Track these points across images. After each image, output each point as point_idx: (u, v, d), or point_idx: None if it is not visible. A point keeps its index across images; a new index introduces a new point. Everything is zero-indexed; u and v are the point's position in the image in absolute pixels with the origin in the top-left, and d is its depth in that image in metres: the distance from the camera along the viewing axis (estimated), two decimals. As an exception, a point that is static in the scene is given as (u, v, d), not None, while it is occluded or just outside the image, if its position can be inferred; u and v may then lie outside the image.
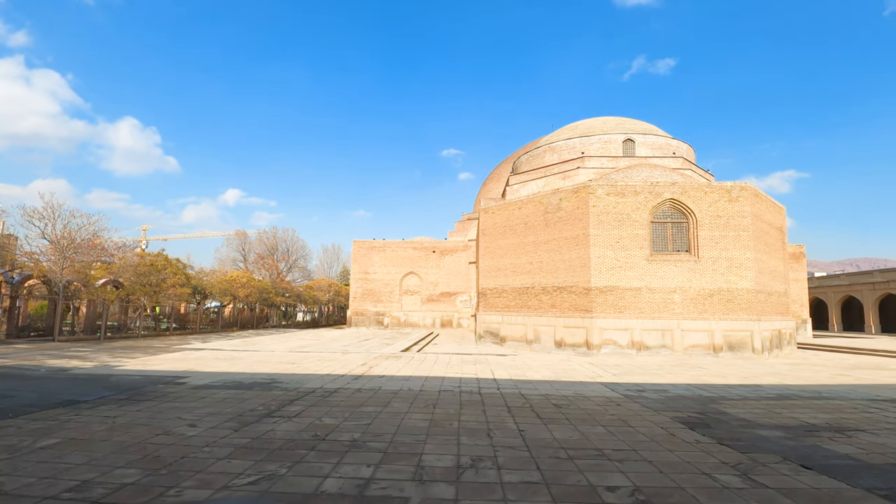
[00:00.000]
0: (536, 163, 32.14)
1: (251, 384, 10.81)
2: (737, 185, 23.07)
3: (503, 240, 26.39)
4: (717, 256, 22.37)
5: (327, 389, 10.11)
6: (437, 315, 42.57)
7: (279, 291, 43.62)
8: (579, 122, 33.43)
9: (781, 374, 14.33)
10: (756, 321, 22.23)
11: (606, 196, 23.08)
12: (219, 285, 35.92)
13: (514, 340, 25.12)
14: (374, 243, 44.55)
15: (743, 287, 22.31)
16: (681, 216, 22.95)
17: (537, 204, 25.15)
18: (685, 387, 11.08)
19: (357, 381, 11.17)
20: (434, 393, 9.69)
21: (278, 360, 15.57)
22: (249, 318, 41.36)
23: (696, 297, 22.18)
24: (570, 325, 23.01)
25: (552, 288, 24.03)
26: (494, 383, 11.09)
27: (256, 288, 39.04)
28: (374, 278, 44.06)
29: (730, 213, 22.68)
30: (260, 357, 16.74)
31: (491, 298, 26.69)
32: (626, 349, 21.88)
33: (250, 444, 5.87)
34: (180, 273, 32.00)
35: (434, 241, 44.01)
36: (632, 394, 10.05)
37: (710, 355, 21.60)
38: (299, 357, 16.76)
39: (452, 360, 16.34)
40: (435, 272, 43.07)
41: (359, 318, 43.71)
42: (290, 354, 17.77)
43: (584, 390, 10.39)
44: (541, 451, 5.60)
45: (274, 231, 55.43)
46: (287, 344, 24.09)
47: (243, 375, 12.15)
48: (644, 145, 29.99)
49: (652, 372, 14.21)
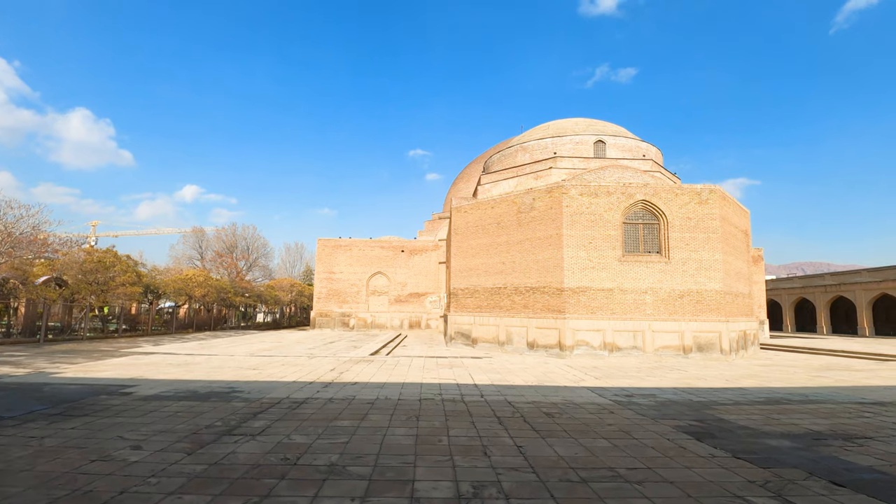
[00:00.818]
0: (508, 162, 31.74)
1: (208, 394, 9.70)
2: (706, 187, 23.25)
3: (475, 239, 25.80)
4: (687, 258, 22.45)
5: (295, 400, 9.13)
6: (406, 316, 41.62)
7: (238, 291, 41.63)
8: (551, 122, 33.26)
9: (758, 375, 14.28)
10: (724, 322, 22.44)
11: (580, 196, 22.82)
12: (173, 284, 33.83)
13: (486, 342, 24.56)
14: (339, 242, 43.20)
15: (712, 288, 22.47)
16: (652, 217, 22.94)
17: (510, 203, 24.69)
18: (672, 391, 10.72)
19: (328, 390, 10.22)
20: (414, 402, 8.89)
21: (238, 366, 14.37)
22: (206, 320, 39.25)
23: (666, 299, 22.18)
24: (542, 325, 22.62)
25: (525, 288, 23.60)
26: (476, 389, 10.39)
27: (214, 287, 37.05)
28: (340, 278, 42.72)
29: (699, 216, 22.81)
30: (218, 362, 15.46)
31: (462, 299, 26.06)
32: (598, 350, 21.67)
33: (207, 473, 4.92)
34: (131, 271, 29.88)
35: (403, 241, 43.06)
36: (621, 399, 9.57)
37: (680, 356, 21.64)
38: (261, 362, 15.58)
39: (427, 363, 15.54)
40: (404, 272, 42.11)
41: (323, 319, 42.26)
42: (251, 359, 16.53)
43: (571, 396, 9.84)
44: (548, 472, 4.93)
45: (234, 228, 53.07)
46: (247, 347, 22.70)
47: (199, 384, 10.99)
48: (614, 147, 30.05)
49: (632, 375, 13.88)
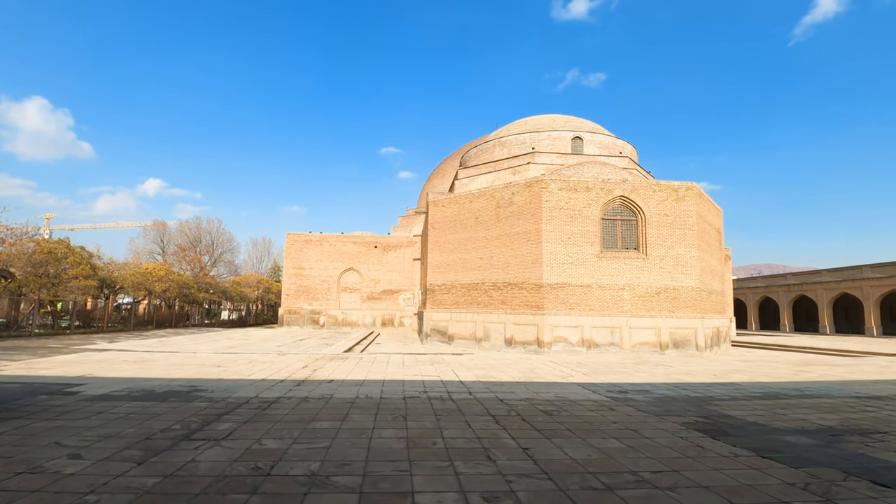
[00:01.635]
0: (486, 157, 31.21)
1: (166, 393, 8.68)
2: (683, 184, 23.23)
3: (453, 234, 25.14)
4: (664, 255, 22.37)
5: (265, 399, 8.22)
6: (378, 314, 40.62)
7: (202, 287, 39.75)
8: (528, 118, 32.92)
9: (744, 370, 14.11)
10: (700, 319, 22.48)
11: (559, 191, 22.45)
12: (131, 278, 31.89)
13: (463, 339, 23.94)
14: (310, 236, 41.84)
15: (688, 285, 22.47)
16: (630, 214, 22.78)
17: (489, 198, 24.14)
18: (665, 386, 10.31)
19: (301, 388, 9.34)
20: (398, 400, 8.12)
21: (201, 363, 13.25)
22: (167, 316, 37.29)
23: (643, 295, 22.05)
24: (520, 322, 22.17)
25: (503, 284, 23.09)
26: (463, 386, 9.70)
27: (176, 282, 35.19)
28: (310, 274, 41.36)
29: (676, 213, 22.77)
30: (179, 359, 14.28)
31: (439, 295, 25.37)
32: (576, 347, 21.36)
33: (160, 487, 4.05)
34: (85, 263, 27.93)
35: (376, 237, 42.03)
36: (616, 395, 9.06)
37: (657, 353, 21.54)
38: (227, 359, 14.48)
39: (406, 360, 14.76)
40: (377, 268, 41.09)
41: (292, 316, 40.83)
42: (215, 356, 15.37)
43: (564, 392, 9.29)
44: (565, 479, 4.29)
45: (197, 222, 50.73)
46: (212, 344, 21.38)
47: (156, 382, 9.92)
48: (592, 144, 29.92)
49: (618, 370, 13.49)
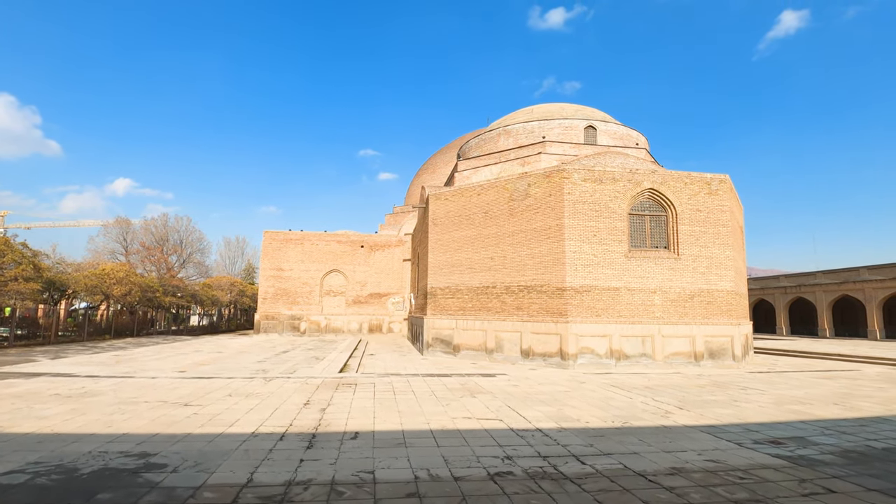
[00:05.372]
0: (489, 147, 28.47)
1: (95, 477, 5.31)
2: (716, 177, 20.95)
3: (458, 231, 22.26)
4: (697, 254, 20.02)
5: (266, 492, 5.06)
6: (365, 319, 37.39)
7: (168, 290, 35.81)
8: (534, 106, 30.33)
9: (853, 394, 11.59)
10: (736, 326, 20.24)
11: (583, 182, 19.83)
12: (85, 281, 27.94)
13: (471, 349, 21.09)
14: (289, 235, 38.36)
15: (723, 288, 20.18)
16: (660, 209, 20.35)
17: (500, 190, 21.35)
18: (816, 428, 7.63)
19: (317, 454, 6.22)
20: (484, 483, 5.06)
21: (162, 399, 10.00)
22: (128, 323, 33.30)
23: (676, 300, 19.63)
24: (539, 330, 19.46)
25: (518, 287, 20.35)
26: (552, 441, 6.66)
27: (138, 285, 31.29)
28: (290, 276, 37.88)
29: (709, 208, 20.46)
30: (132, 391, 10.97)
31: (442, 300, 22.45)
32: (604, 359, 18.78)
33: None
34: (27, 263, 23.99)
35: (362, 236, 38.80)
36: (782, 452, 6.21)
37: (691, 364, 19.14)
38: (198, 389, 11.22)
39: (433, 386, 11.70)
40: (363, 270, 37.87)
41: (269, 322, 37.28)
42: (182, 383, 12.07)
43: (701, 447, 6.49)
44: None
45: (164, 219, 46.43)
46: (178, 360, 17.92)
47: (87, 446, 6.58)
48: (605, 134, 27.53)
49: (703, 397, 10.79)
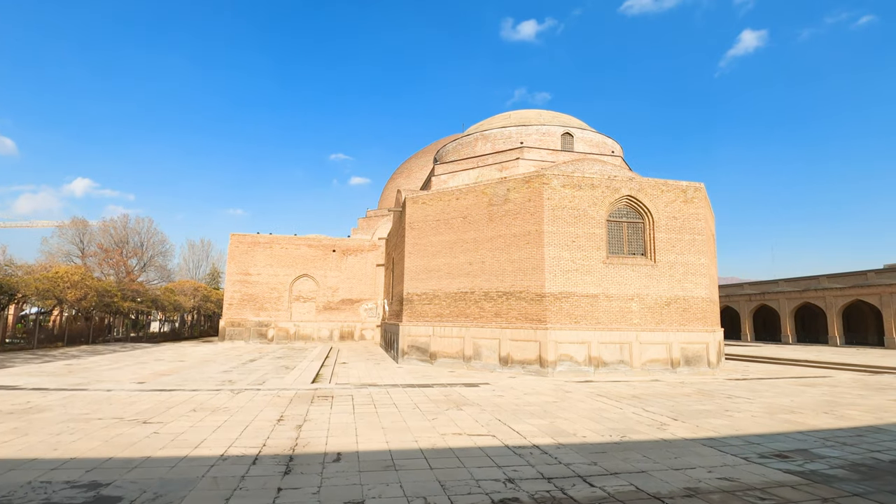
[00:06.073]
0: (466, 152, 28.18)
1: None
2: (692, 185, 21.21)
3: (436, 236, 21.80)
4: (673, 261, 20.17)
5: None
6: (336, 326, 36.38)
7: (128, 295, 33.98)
8: (511, 112, 30.26)
9: (838, 402, 11.63)
10: (711, 332, 20.50)
11: (562, 188, 19.73)
12: (35, 284, 26.12)
13: (448, 357, 20.60)
14: (257, 238, 37.10)
15: (698, 295, 20.39)
16: (637, 216, 20.44)
17: (479, 194, 21.03)
18: (816, 439, 7.45)
19: (296, 481, 5.58)
20: None
21: (118, 415, 9.10)
22: (83, 330, 31.37)
23: (653, 306, 19.71)
24: (518, 337, 19.17)
25: (497, 293, 20.02)
26: (553, 460, 6.19)
27: (94, 289, 29.51)
28: (258, 281, 36.58)
29: (685, 216, 20.69)
30: (84, 405, 10.00)
31: (418, 306, 21.90)
32: (583, 366, 18.63)
33: None
34: (-31, 266, 22.21)
35: (334, 239, 37.85)
36: (791, 467, 5.99)
37: (668, 371, 19.21)
38: (158, 404, 10.32)
39: (415, 398, 11.11)
40: (335, 275, 36.90)
41: (235, 329, 35.86)
42: (141, 397, 11.11)
43: (708, 463, 6.17)
44: None
45: (124, 220, 44.21)
46: (137, 370, 16.76)
47: (26, 475, 5.73)
48: (582, 141, 27.65)
49: (691, 407, 10.60)
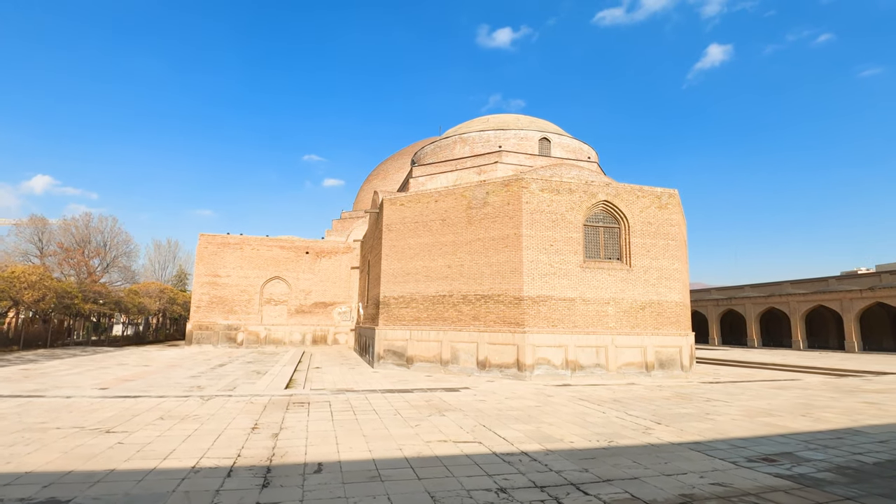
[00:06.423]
0: (445, 154, 28.06)
1: None
2: (666, 191, 21.62)
3: (414, 238, 21.59)
4: (648, 266, 20.51)
5: None
6: (309, 330, 35.64)
7: (89, 296, 32.52)
8: (489, 116, 30.36)
9: (814, 405, 11.90)
10: (684, 336, 20.89)
11: (541, 192, 19.83)
12: (-12, 286, 24.71)
13: (425, 361, 20.37)
14: (228, 238, 36.09)
15: (672, 300, 20.77)
16: (613, 221, 20.70)
17: (459, 197, 20.94)
18: (798, 442, 7.54)
19: (274, 493, 5.18)
20: None
21: (78, 423, 8.55)
22: (40, 333, 29.84)
23: (628, 310, 19.98)
24: (497, 341, 19.11)
25: (475, 297, 19.93)
26: (544, 468, 5.95)
27: (54, 290, 28.13)
28: (227, 283, 35.56)
29: (660, 221, 21.07)
30: (42, 413, 9.37)
31: (395, 309, 21.60)
32: (560, 369, 18.69)
33: None
34: (-86, 266, 20.79)
35: (307, 241, 37.13)
36: (780, 471, 6.02)
37: (642, 374, 19.46)
38: (122, 411, 9.76)
39: (396, 403, 10.81)
40: (308, 278, 36.17)
41: (203, 333, 34.73)
42: (104, 404, 10.50)
43: (701, 468, 6.14)
44: None
45: (87, 219, 42.30)
46: (99, 375, 15.94)
47: None
48: (559, 146, 27.90)
49: (673, 410, 10.66)
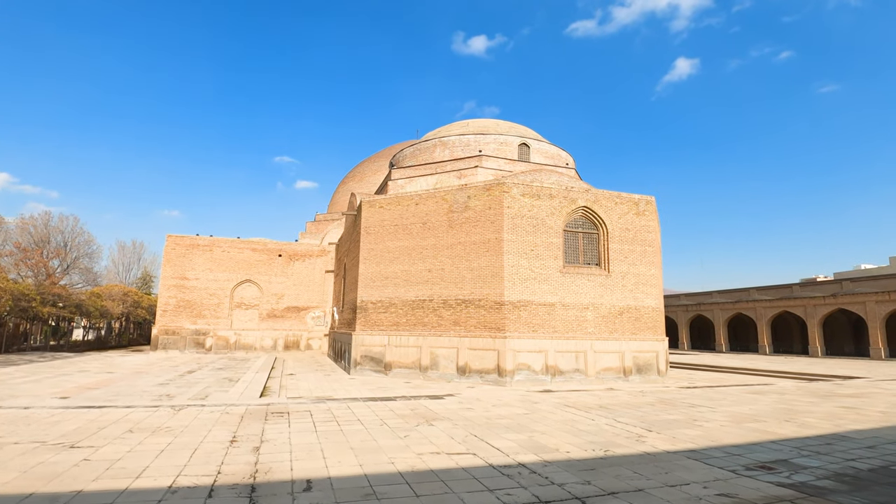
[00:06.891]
0: (425, 158, 27.82)
1: None
2: (643, 198, 21.94)
3: (394, 241, 21.24)
4: (626, 272, 20.73)
5: None
6: (281, 335, 34.71)
7: (48, 299, 30.86)
8: (469, 120, 30.30)
9: (797, 410, 12.09)
10: (661, 342, 21.17)
11: (522, 197, 19.82)
12: (-66, 288, 23.08)
13: (404, 367, 20.01)
14: (196, 240, 34.91)
15: (649, 305, 21.05)
16: (592, 226, 20.85)
17: (440, 200, 20.73)
18: (792, 447, 7.57)
19: None
20: None
21: (39, 438, 7.89)
22: (-9, 338, 28.09)
23: (607, 316, 20.12)
24: (477, 346, 18.94)
25: (456, 301, 19.72)
26: (546, 481, 5.80)
27: (10, 292, 26.55)
28: (196, 286, 34.36)
29: (637, 227, 21.35)
30: (-2, 421, 8.66)
31: (373, 314, 21.18)
32: (540, 375, 18.64)
33: None
34: None
35: (280, 244, 36.25)
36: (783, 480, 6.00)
37: (620, 379, 19.59)
38: (87, 423, 9.09)
39: (378, 412, 10.43)
40: (280, 281, 35.28)
41: (169, 338, 33.43)
42: (66, 416, 9.78)
43: (700, 477, 6.06)
44: None
45: (46, 218, 40.25)
46: (59, 383, 14.98)
47: None
48: (538, 152, 28.04)
49: (661, 416, 10.64)
